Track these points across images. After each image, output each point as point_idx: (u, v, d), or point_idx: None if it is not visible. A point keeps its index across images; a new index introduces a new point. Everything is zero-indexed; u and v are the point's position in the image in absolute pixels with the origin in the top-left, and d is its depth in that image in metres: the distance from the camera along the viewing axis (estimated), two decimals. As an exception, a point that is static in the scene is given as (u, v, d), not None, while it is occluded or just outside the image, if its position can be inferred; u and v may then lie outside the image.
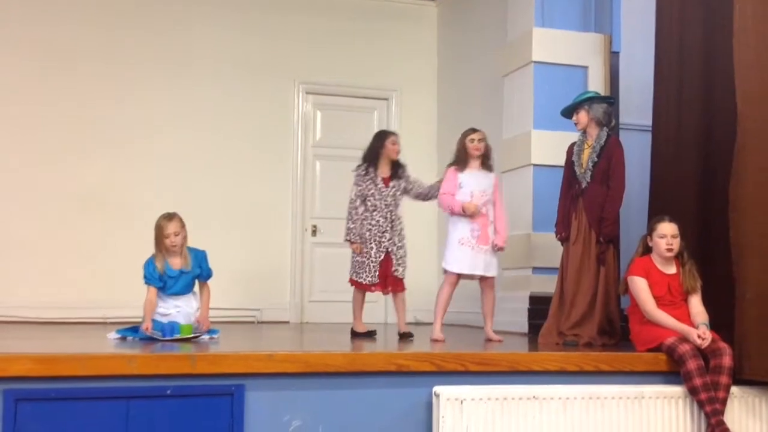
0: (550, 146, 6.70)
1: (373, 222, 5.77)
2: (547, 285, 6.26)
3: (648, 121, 6.08)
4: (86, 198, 7.97)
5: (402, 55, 9.06)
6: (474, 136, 5.68)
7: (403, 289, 5.86)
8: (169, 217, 5.17)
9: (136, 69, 8.26)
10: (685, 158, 5.52)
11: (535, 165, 6.70)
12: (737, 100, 4.78)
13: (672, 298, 4.78)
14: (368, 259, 5.73)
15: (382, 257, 5.74)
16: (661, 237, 4.82)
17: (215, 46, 8.51)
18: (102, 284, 7.55)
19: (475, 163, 5.66)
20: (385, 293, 5.93)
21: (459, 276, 5.60)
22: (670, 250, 4.81)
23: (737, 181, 4.73)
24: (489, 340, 5.55)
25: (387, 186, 5.83)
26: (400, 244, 5.83)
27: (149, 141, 8.22)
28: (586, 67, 6.93)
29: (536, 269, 6.59)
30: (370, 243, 5.74)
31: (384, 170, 5.86)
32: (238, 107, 8.50)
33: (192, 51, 8.44)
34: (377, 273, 5.73)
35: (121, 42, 8.25)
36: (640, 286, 4.79)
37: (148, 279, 5.16)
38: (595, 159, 5.49)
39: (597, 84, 6.89)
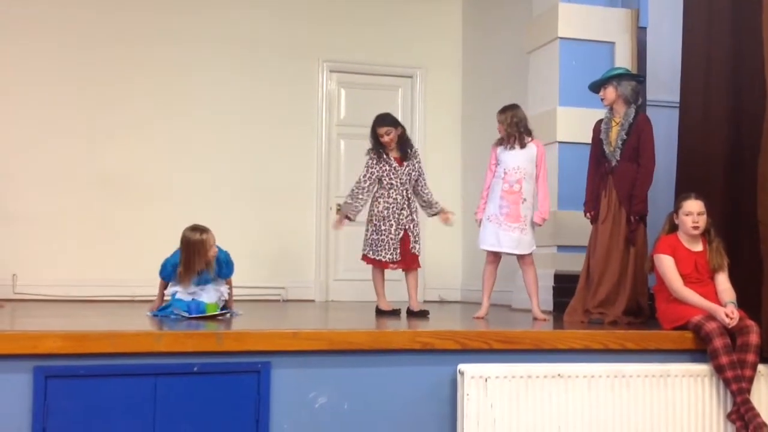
0: (576, 123, 6.65)
1: (390, 200, 5.77)
2: (573, 263, 6.24)
3: (675, 97, 6.01)
4: (113, 177, 8.03)
5: (426, 32, 9.00)
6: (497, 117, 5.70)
7: (418, 266, 5.89)
8: (205, 235, 5.13)
9: (162, 49, 8.27)
10: (714, 135, 5.45)
11: (560, 142, 6.65)
12: (766, 76, 4.71)
13: (699, 276, 4.75)
14: (387, 236, 5.72)
15: (401, 234, 5.75)
16: (687, 214, 4.78)
17: (239, 25, 8.50)
18: (130, 262, 7.63)
19: (510, 140, 5.66)
20: (402, 270, 5.91)
21: (495, 254, 5.61)
22: (696, 227, 4.77)
23: (765, 158, 4.68)
24: (535, 318, 5.53)
25: (401, 165, 5.83)
26: (416, 221, 5.84)
27: (175, 121, 8.25)
28: (612, 43, 6.85)
29: (561, 247, 6.56)
30: (389, 220, 5.73)
31: (394, 152, 5.85)
32: (262, 86, 8.50)
33: (215, 30, 8.42)
34: (398, 250, 5.73)
35: (145, 22, 8.26)
36: (666, 263, 4.76)
37: (163, 276, 5.27)
38: (624, 137, 5.43)
39: (624, 60, 6.82)
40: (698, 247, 4.83)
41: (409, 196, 5.84)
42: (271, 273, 8.21)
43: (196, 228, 5.16)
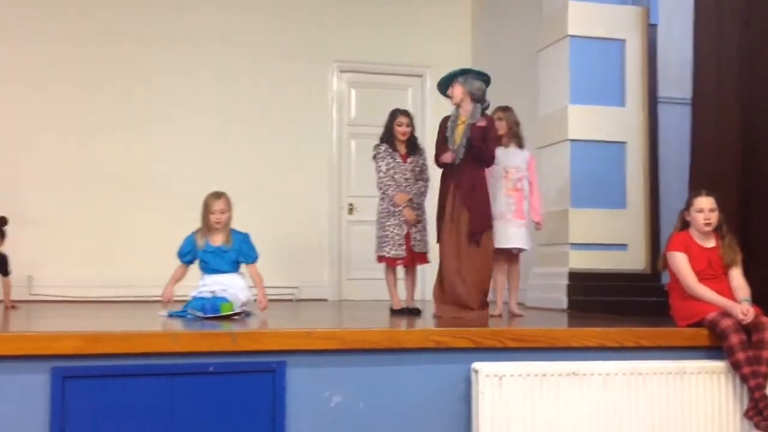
0: (587, 121, 6.66)
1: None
2: (586, 260, 6.24)
3: (687, 94, 6.02)
4: (126, 179, 8.09)
5: (436, 31, 9.01)
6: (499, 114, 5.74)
7: (426, 261, 5.91)
8: (217, 195, 5.23)
9: (175, 50, 8.34)
10: (726, 130, 5.45)
11: (572, 140, 6.65)
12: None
13: (713, 272, 4.73)
14: (391, 232, 5.75)
15: (405, 231, 5.75)
16: (699, 211, 4.77)
17: (251, 26, 8.55)
18: (144, 263, 7.66)
19: (506, 140, 5.73)
20: (412, 267, 5.91)
21: (503, 251, 5.65)
22: (708, 224, 4.75)
23: (779, 152, 4.67)
24: (513, 314, 5.61)
25: (405, 162, 5.85)
26: (419, 219, 5.83)
27: (189, 122, 8.31)
28: (623, 41, 6.85)
29: (574, 245, 6.55)
30: (393, 217, 5.76)
31: (400, 148, 5.88)
32: (273, 87, 8.54)
33: (228, 31, 8.48)
34: (403, 246, 5.74)
35: (158, 23, 8.33)
36: (680, 261, 4.74)
37: (181, 255, 5.27)
38: (470, 137, 5.35)
39: (635, 57, 6.82)
40: (711, 243, 4.81)
41: (412, 192, 5.84)
42: (284, 273, 8.22)
43: (215, 193, 5.26)
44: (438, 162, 5.47)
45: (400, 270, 5.93)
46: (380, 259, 5.84)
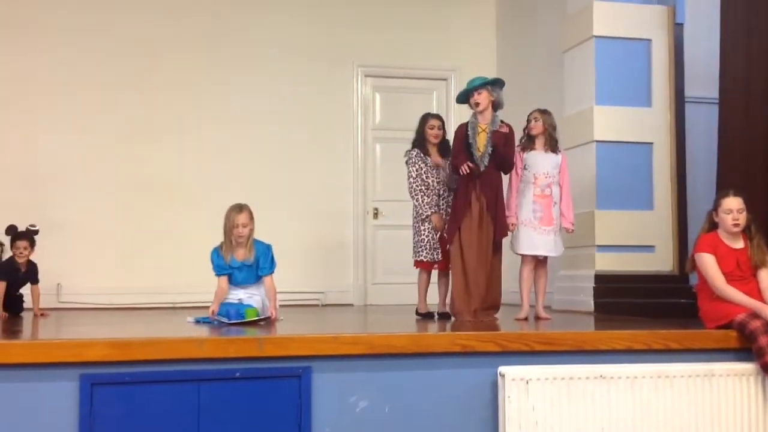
0: (613, 122, 6.61)
1: (427, 199, 5.80)
2: (613, 263, 6.18)
3: (714, 93, 5.95)
4: (154, 185, 8.16)
5: (461, 34, 9.00)
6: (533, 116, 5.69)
7: None
8: (239, 208, 5.18)
9: (199, 57, 8.40)
10: (755, 130, 5.40)
11: (598, 141, 6.61)
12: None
13: (741, 273, 4.68)
14: (427, 236, 5.77)
15: (439, 234, 5.77)
16: (727, 212, 4.71)
17: (274, 31, 8.59)
18: (171, 270, 7.72)
19: (540, 144, 5.67)
20: (446, 271, 5.92)
21: (532, 256, 5.64)
22: (736, 224, 4.70)
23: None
24: (539, 317, 5.58)
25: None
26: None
27: (214, 127, 8.36)
28: (649, 41, 6.79)
29: (600, 247, 6.50)
30: (426, 222, 5.78)
31: (432, 152, 5.89)
32: (297, 92, 8.57)
33: (251, 37, 8.53)
34: (439, 250, 5.75)
35: (182, 29, 8.39)
36: (708, 262, 4.69)
37: (217, 270, 5.24)
38: (492, 144, 5.45)
39: (661, 57, 6.76)
40: (739, 244, 4.75)
41: (446, 195, 5.85)
42: (309, 278, 8.26)
43: (237, 206, 5.22)
44: (457, 169, 5.49)
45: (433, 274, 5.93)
46: (417, 264, 5.87)
